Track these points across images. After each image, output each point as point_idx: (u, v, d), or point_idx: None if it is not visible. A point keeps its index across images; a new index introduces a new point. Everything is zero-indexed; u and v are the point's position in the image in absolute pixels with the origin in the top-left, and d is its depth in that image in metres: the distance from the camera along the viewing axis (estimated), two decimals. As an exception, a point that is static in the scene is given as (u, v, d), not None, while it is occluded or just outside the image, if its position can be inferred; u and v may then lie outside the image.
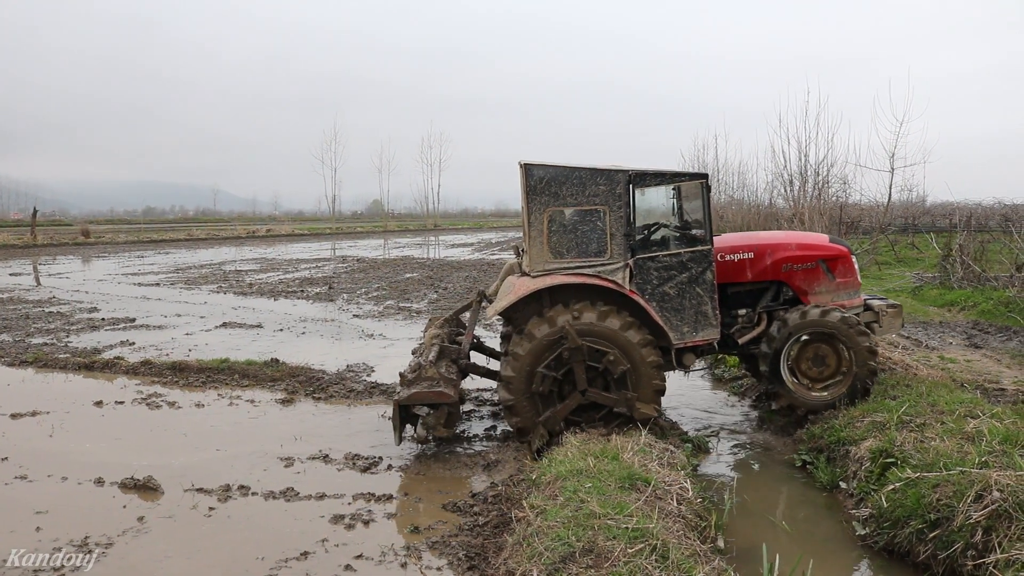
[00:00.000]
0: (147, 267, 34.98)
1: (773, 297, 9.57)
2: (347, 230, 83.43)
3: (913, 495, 6.12)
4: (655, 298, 8.69)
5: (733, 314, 9.51)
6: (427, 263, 36.14)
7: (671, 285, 8.72)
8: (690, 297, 8.76)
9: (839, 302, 9.43)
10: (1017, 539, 5.15)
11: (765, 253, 9.46)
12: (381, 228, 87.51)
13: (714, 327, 8.84)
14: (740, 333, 9.37)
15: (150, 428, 9.66)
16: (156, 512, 7.03)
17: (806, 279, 9.44)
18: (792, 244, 9.60)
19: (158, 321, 18.34)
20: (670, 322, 8.72)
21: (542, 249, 8.65)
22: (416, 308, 20.24)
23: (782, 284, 9.55)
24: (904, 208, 33.75)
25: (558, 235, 8.70)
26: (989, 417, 7.25)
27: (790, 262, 9.43)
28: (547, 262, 8.65)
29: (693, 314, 8.78)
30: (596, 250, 8.64)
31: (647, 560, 4.94)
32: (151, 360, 13.12)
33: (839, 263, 9.54)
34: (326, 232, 77.66)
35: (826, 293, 9.46)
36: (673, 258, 8.76)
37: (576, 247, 8.68)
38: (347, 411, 10.51)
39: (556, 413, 8.56)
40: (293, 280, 28.01)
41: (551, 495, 6.23)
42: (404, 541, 6.39)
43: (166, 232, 73.84)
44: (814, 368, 9.13)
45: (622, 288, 8.54)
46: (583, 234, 8.69)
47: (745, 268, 9.45)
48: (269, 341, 15.60)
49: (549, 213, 8.64)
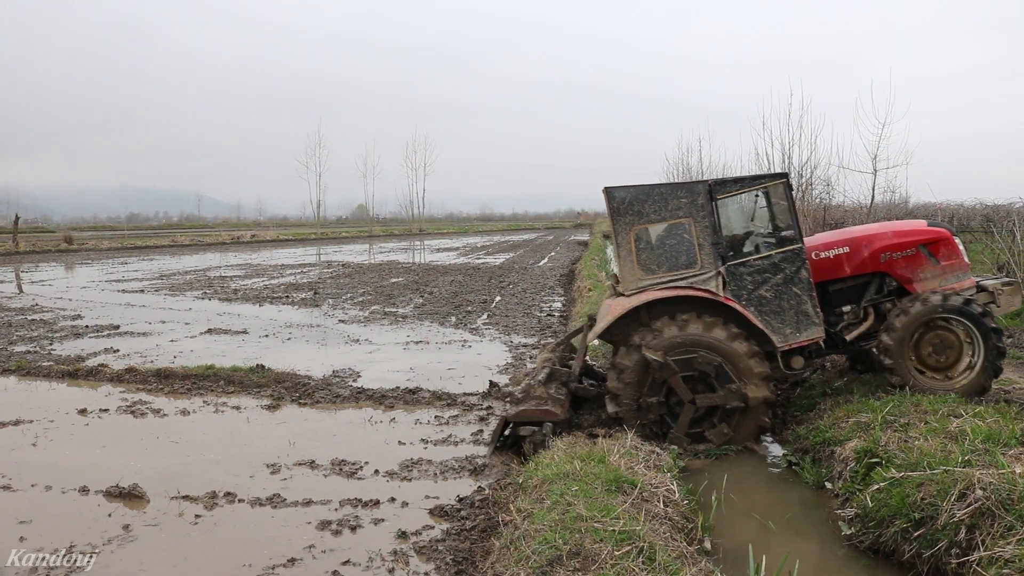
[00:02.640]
0: (131, 274, 34.77)
1: (877, 290, 9.38)
2: (332, 235, 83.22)
3: (898, 494, 6.15)
4: (752, 303, 8.68)
5: (838, 312, 9.39)
6: (412, 268, 36.09)
7: (767, 288, 8.70)
8: (788, 298, 8.71)
9: (948, 286, 9.09)
10: (1000, 537, 5.19)
11: (861, 246, 9.30)
12: (366, 233, 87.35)
13: (817, 325, 8.76)
14: (847, 330, 9.26)
15: (135, 436, 9.60)
16: (142, 520, 6.98)
17: (908, 266, 9.21)
18: (888, 232, 9.38)
19: (142, 328, 18.24)
20: (771, 325, 8.69)
21: (633, 268, 8.77)
22: (402, 313, 20.21)
23: (884, 275, 9.34)
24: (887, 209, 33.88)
25: (646, 252, 8.82)
26: (972, 416, 7.31)
27: (888, 251, 9.22)
28: (639, 280, 8.74)
29: (794, 315, 8.72)
30: (686, 262, 8.72)
31: (634, 562, 4.95)
32: (136, 367, 13.05)
33: (941, 246, 9.24)
34: (311, 237, 77.46)
35: (932, 278, 9.16)
36: (765, 261, 8.74)
37: (666, 261, 8.79)
38: (333, 416, 10.49)
39: (678, 431, 8.59)
40: (278, 286, 27.92)
41: (538, 498, 6.23)
42: (391, 546, 6.37)
43: (150, 238, 73.58)
44: (936, 356, 8.87)
45: (716, 296, 8.55)
46: (671, 248, 8.79)
47: (842, 263, 9.31)
48: (254, 347, 15.54)
49: (635, 232, 8.76)
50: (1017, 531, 5.13)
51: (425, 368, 13.32)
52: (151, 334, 17.34)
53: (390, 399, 11.12)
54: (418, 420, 10.15)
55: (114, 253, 53.97)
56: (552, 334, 16.51)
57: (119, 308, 22.09)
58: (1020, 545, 5.00)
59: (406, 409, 10.70)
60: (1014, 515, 5.26)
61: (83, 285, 29.61)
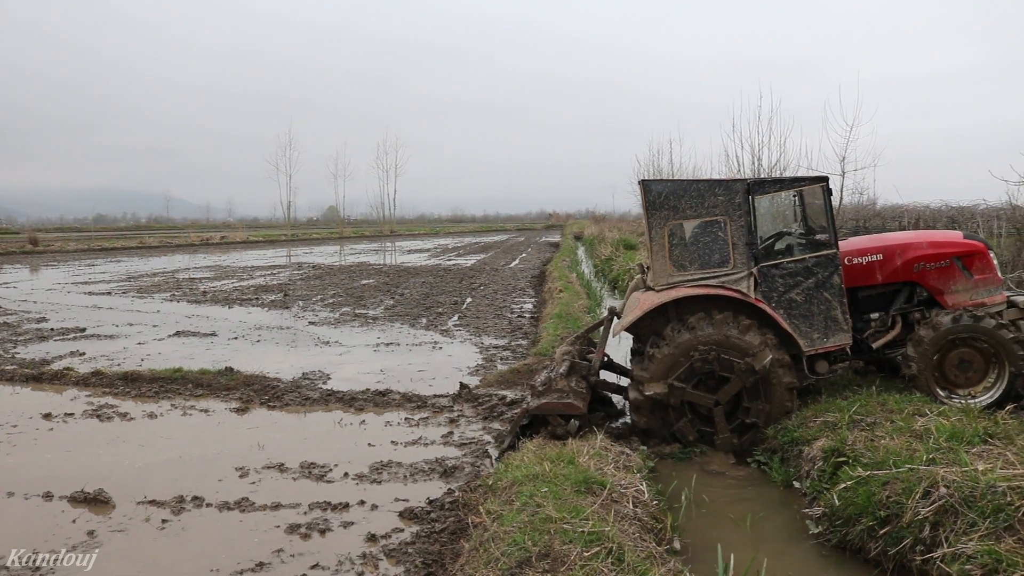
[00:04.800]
0: (98, 276, 34.35)
1: (907, 299, 9.34)
2: (303, 237, 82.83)
3: (864, 493, 6.22)
4: (782, 305, 8.66)
5: (865, 318, 9.34)
6: (383, 269, 35.98)
7: (798, 291, 8.68)
8: (818, 302, 8.68)
9: (978, 300, 9.03)
10: (963, 533, 5.27)
11: (895, 254, 9.23)
12: (337, 234, 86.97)
13: (845, 332, 8.74)
14: (874, 337, 9.22)
15: (101, 440, 9.48)
16: (107, 526, 6.89)
17: (940, 278, 9.13)
18: (923, 243, 9.29)
19: (109, 331, 18.02)
20: (799, 329, 8.67)
21: (665, 263, 8.72)
22: (372, 315, 20.13)
23: (915, 285, 9.29)
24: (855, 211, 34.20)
25: (680, 248, 8.78)
26: (936, 415, 7.40)
27: (922, 261, 9.14)
28: (670, 275, 8.71)
29: (823, 320, 8.69)
30: (719, 261, 8.67)
31: (603, 563, 4.96)
32: (102, 370, 12.89)
33: (976, 259, 9.14)
34: (281, 239, 76.99)
35: (963, 292, 9.08)
36: (798, 264, 8.71)
37: (699, 259, 8.75)
38: (302, 419, 10.42)
39: (722, 437, 8.55)
40: (248, 287, 27.71)
41: (508, 500, 6.24)
42: (361, 549, 6.33)
43: (118, 240, 72.72)
44: (959, 373, 8.78)
45: (747, 297, 8.53)
46: (705, 246, 8.74)
47: (875, 270, 9.26)
48: (223, 350, 15.41)
49: (670, 227, 8.71)
50: (979, 527, 5.21)
51: (395, 370, 13.28)
52: (118, 337, 17.14)
53: (360, 401, 11.07)
54: (388, 422, 10.11)
55: (81, 255, 53.29)
56: (523, 335, 16.52)
57: (85, 310, 21.81)
58: (982, 541, 5.08)
59: (376, 411, 10.66)
60: (976, 512, 5.34)
61: (49, 287, 29.21)
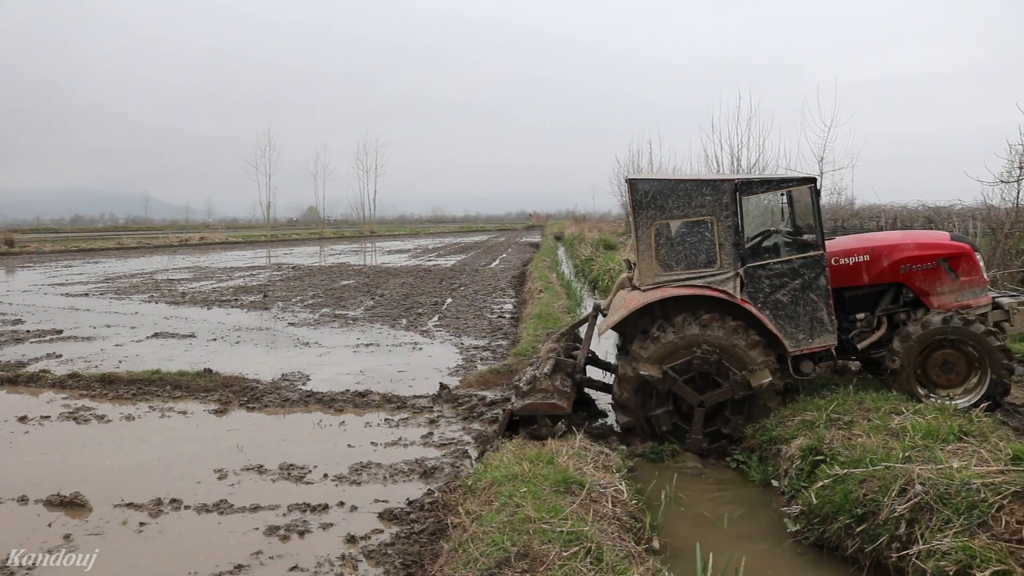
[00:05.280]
0: (75, 277, 34.05)
1: (893, 300, 9.36)
2: (282, 237, 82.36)
3: (841, 491, 6.26)
4: (768, 306, 8.66)
5: (851, 319, 9.36)
6: (363, 270, 35.89)
7: (784, 292, 8.68)
8: (804, 303, 8.69)
9: (964, 302, 9.08)
10: (938, 530, 5.31)
11: (882, 255, 9.25)
12: (317, 235, 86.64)
13: (831, 333, 8.76)
14: (859, 338, 9.23)
15: (78, 443, 9.40)
16: (84, 529, 6.84)
17: (927, 280, 9.16)
18: (910, 244, 9.33)
19: (87, 332, 17.87)
20: (785, 330, 8.68)
21: (651, 263, 8.71)
22: (352, 315, 20.08)
23: (901, 286, 9.31)
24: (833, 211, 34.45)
25: (666, 248, 8.76)
26: (912, 413, 7.45)
27: (909, 263, 9.17)
28: (657, 275, 8.70)
29: (808, 321, 8.71)
30: (705, 261, 8.66)
31: (582, 563, 4.98)
32: (79, 373, 12.78)
33: (962, 261, 9.17)
34: (261, 240, 76.55)
35: (949, 293, 9.10)
36: (785, 265, 8.71)
37: (685, 259, 8.73)
38: (282, 420, 10.38)
39: (694, 433, 8.56)
40: (227, 289, 27.56)
41: (487, 500, 6.24)
42: (340, 551, 6.32)
43: (95, 241, 72.08)
44: (941, 374, 8.81)
45: (733, 298, 8.52)
46: (691, 245, 8.72)
47: (861, 271, 9.28)
48: (202, 351, 15.32)
49: (656, 226, 8.69)
50: (954, 524, 5.25)
51: (375, 371, 13.25)
52: (96, 338, 17.00)
53: (340, 402, 11.04)
54: (368, 423, 10.09)
55: (57, 256, 52.75)
56: (503, 336, 16.53)
57: (62, 312, 21.62)
58: (957, 538, 5.13)
59: (356, 412, 10.63)
60: (951, 509, 5.39)
61: (24, 289, 28.92)
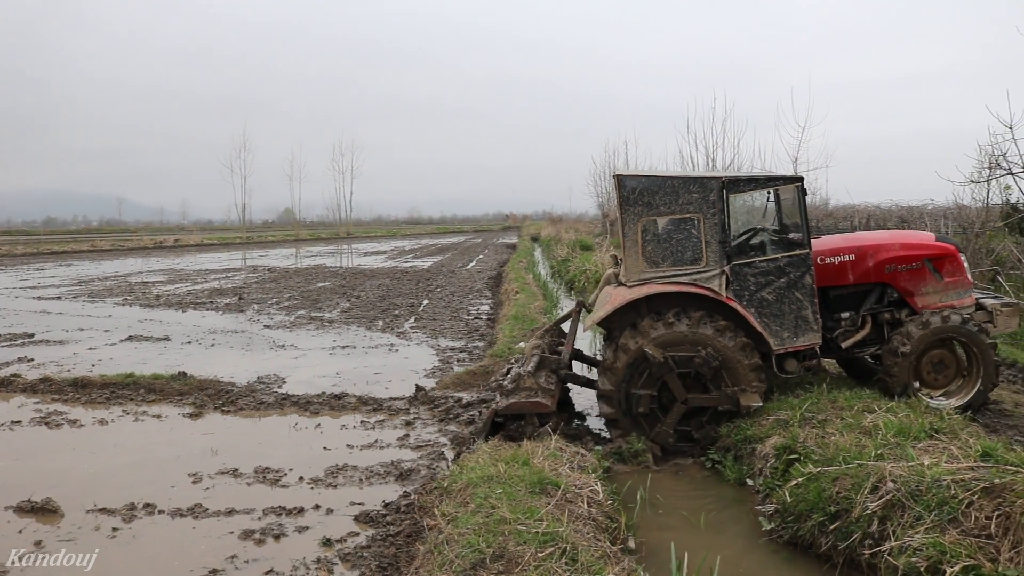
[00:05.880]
0: (47, 280, 33.68)
1: (877, 299, 9.39)
2: (258, 239, 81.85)
3: (815, 489, 6.32)
4: (753, 304, 8.69)
5: (836, 318, 9.38)
6: (339, 272, 35.76)
7: (769, 290, 8.71)
8: (789, 302, 8.73)
9: (948, 302, 9.14)
10: (909, 527, 5.37)
11: (867, 254, 9.28)
12: (293, 237, 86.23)
13: (815, 331, 8.80)
14: (844, 337, 9.26)
15: (49, 448, 9.30)
16: (55, 535, 6.76)
17: (911, 280, 9.21)
18: (895, 244, 9.38)
19: (59, 336, 17.68)
20: (769, 328, 8.71)
21: (637, 259, 8.71)
22: (328, 317, 20.00)
23: (886, 286, 9.35)
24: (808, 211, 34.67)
25: (653, 244, 8.78)
26: (885, 412, 7.53)
27: (894, 263, 9.21)
28: (643, 271, 8.70)
29: (793, 319, 8.74)
30: (691, 258, 8.68)
31: (557, 563, 4.98)
32: (51, 377, 12.63)
33: (946, 262, 9.23)
34: (236, 242, 76.09)
35: (933, 294, 9.18)
36: (770, 263, 8.75)
37: (671, 256, 8.75)
38: (257, 424, 10.33)
39: (665, 428, 8.58)
40: (202, 291, 27.36)
41: (462, 502, 6.23)
42: (316, 554, 6.30)
43: (68, 243, 71.38)
44: (934, 375, 8.92)
45: (718, 295, 8.54)
46: (678, 242, 8.75)
47: (847, 270, 9.31)
48: (177, 354, 15.20)
49: (643, 223, 8.71)
50: (925, 520, 5.31)
51: (351, 373, 13.21)
52: (68, 342, 16.83)
53: (315, 405, 10.99)
54: (344, 425, 10.06)
55: (29, 259, 52.13)
56: (480, 337, 16.53)
57: (34, 316, 21.36)
58: (928, 534, 5.19)
59: (331, 415, 10.60)
60: (922, 505, 5.45)
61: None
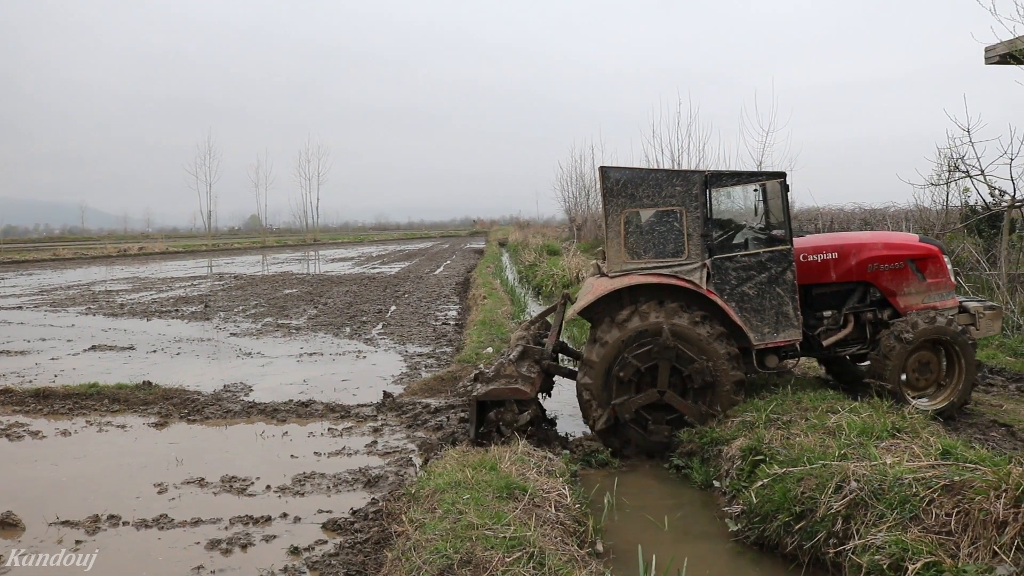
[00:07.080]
0: (7, 289, 33.12)
1: (860, 298, 9.43)
2: (224, 247, 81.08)
3: (780, 490, 6.37)
4: (734, 298, 8.73)
5: (818, 316, 9.41)
6: (307, 278, 35.53)
7: (750, 285, 8.76)
8: (770, 297, 8.77)
9: (930, 303, 9.19)
10: (872, 525, 5.44)
11: (850, 253, 9.32)
12: (259, 244, 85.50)
13: (795, 328, 8.84)
14: (825, 335, 9.30)
15: (10, 461, 9.14)
16: (16, 549, 6.61)
17: (894, 280, 9.26)
18: (878, 243, 9.43)
19: (20, 346, 17.39)
20: (750, 322, 8.75)
21: (619, 250, 8.77)
22: (295, 324, 19.88)
23: (869, 285, 9.39)
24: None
25: (635, 236, 8.83)
26: (848, 412, 7.62)
27: (876, 262, 9.26)
28: (625, 263, 8.76)
29: (774, 315, 8.79)
30: (673, 251, 8.74)
31: (524, 568, 4.99)
32: (11, 388, 12.42)
33: (929, 263, 9.29)
34: (202, 249, 75.34)
35: (916, 294, 9.23)
36: (752, 258, 8.80)
37: (653, 248, 8.81)
38: (223, 432, 10.24)
39: (630, 402, 8.60)
40: (167, 299, 27.07)
41: (430, 508, 6.22)
42: (284, 563, 6.25)
43: (29, 252, 70.20)
44: (919, 377, 8.94)
45: (699, 288, 8.58)
46: (660, 235, 8.81)
47: (829, 268, 9.34)
48: (142, 363, 15.03)
49: (626, 215, 8.76)
50: (887, 518, 5.39)
51: (319, 380, 13.13)
52: (30, 352, 16.57)
53: (282, 413, 10.92)
54: (311, 433, 10.01)
55: (-11, 268, 51.37)
56: (447, 343, 16.50)
57: (-6, 326, 21.04)
58: (890, 532, 5.26)
59: (299, 422, 10.53)
60: (885, 504, 5.53)
61: (-45, 303, 28.11)
